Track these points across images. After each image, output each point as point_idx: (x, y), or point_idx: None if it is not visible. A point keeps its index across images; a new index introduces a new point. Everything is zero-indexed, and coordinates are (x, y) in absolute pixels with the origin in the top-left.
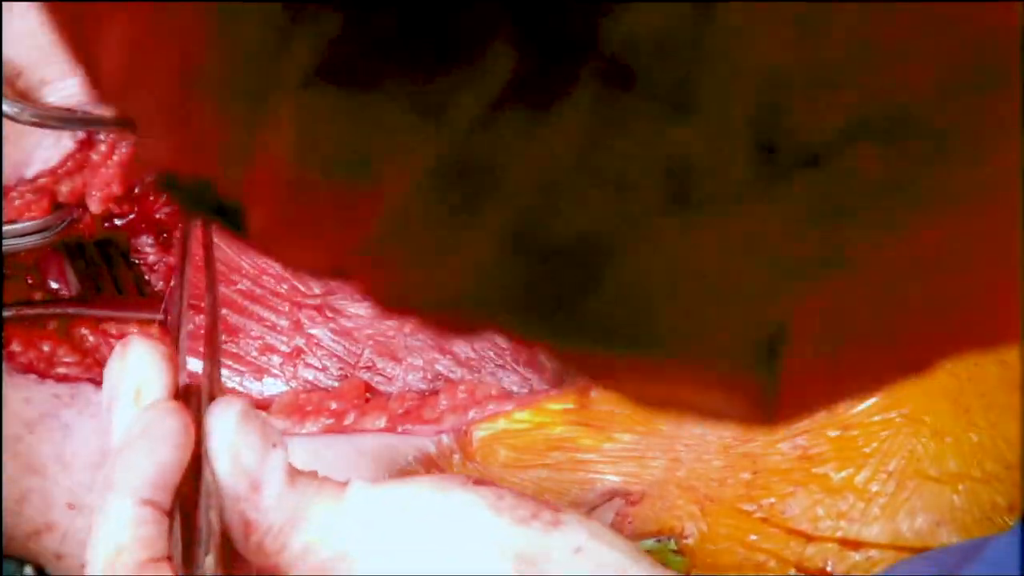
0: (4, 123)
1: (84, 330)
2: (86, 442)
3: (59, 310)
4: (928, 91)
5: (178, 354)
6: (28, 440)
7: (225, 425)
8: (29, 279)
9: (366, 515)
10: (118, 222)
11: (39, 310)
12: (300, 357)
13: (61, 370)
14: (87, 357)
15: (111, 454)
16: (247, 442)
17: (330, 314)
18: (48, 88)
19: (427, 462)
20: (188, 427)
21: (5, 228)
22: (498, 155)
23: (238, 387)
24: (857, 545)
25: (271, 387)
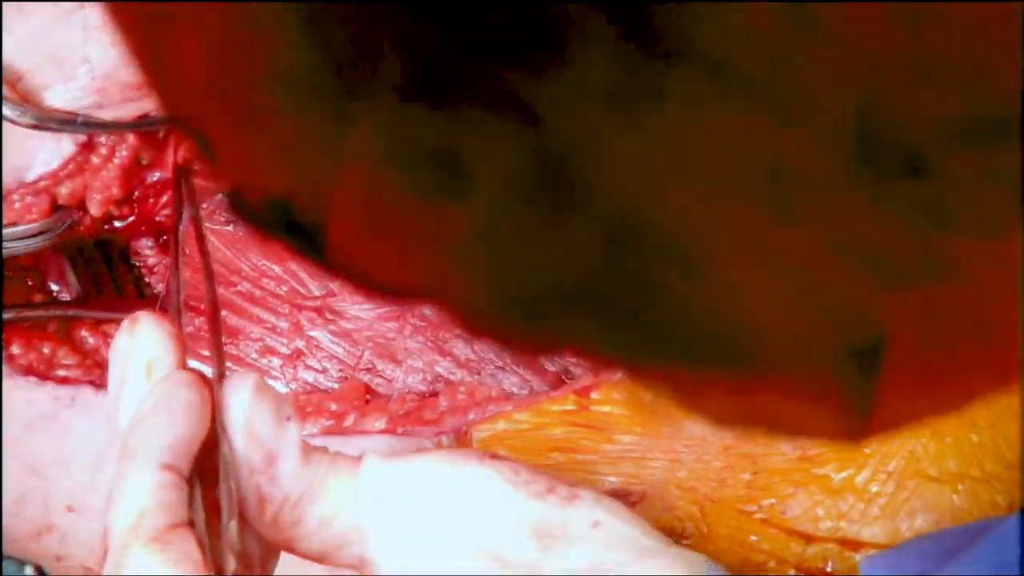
0: (4, 126)
1: (84, 332)
2: (86, 444)
3: (59, 312)
4: None
5: (180, 328)
6: (28, 442)
7: (240, 399)
8: (29, 281)
9: (381, 488)
10: (118, 224)
11: (39, 312)
12: (300, 359)
13: (61, 372)
14: (87, 359)
15: (127, 426)
16: (262, 416)
17: (330, 316)
18: (49, 91)
19: None
20: (205, 396)
21: (5, 231)
22: (591, 159)
23: None
24: (857, 546)
25: None
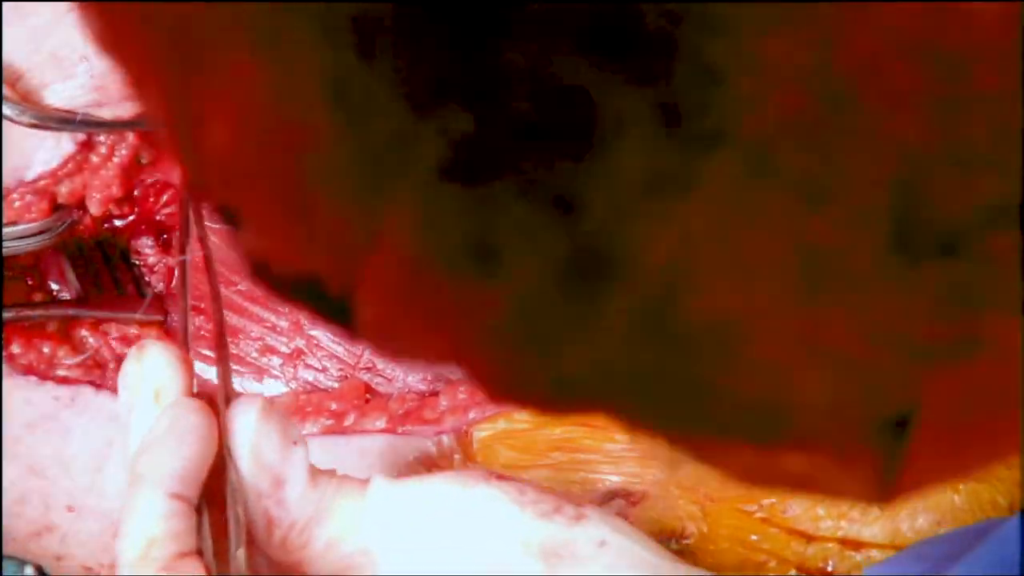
0: (4, 125)
1: (84, 331)
2: (86, 444)
3: (59, 311)
4: None
5: (188, 353)
6: (28, 441)
7: (246, 423)
8: (29, 280)
9: (388, 511)
10: (118, 223)
11: (39, 311)
12: (300, 358)
13: (61, 372)
14: (87, 359)
15: (135, 453)
16: (268, 440)
17: None
18: (48, 90)
19: (428, 463)
20: (212, 423)
21: (5, 230)
22: (625, 244)
23: (238, 388)
24: (858, 545)
25: (271, 388)
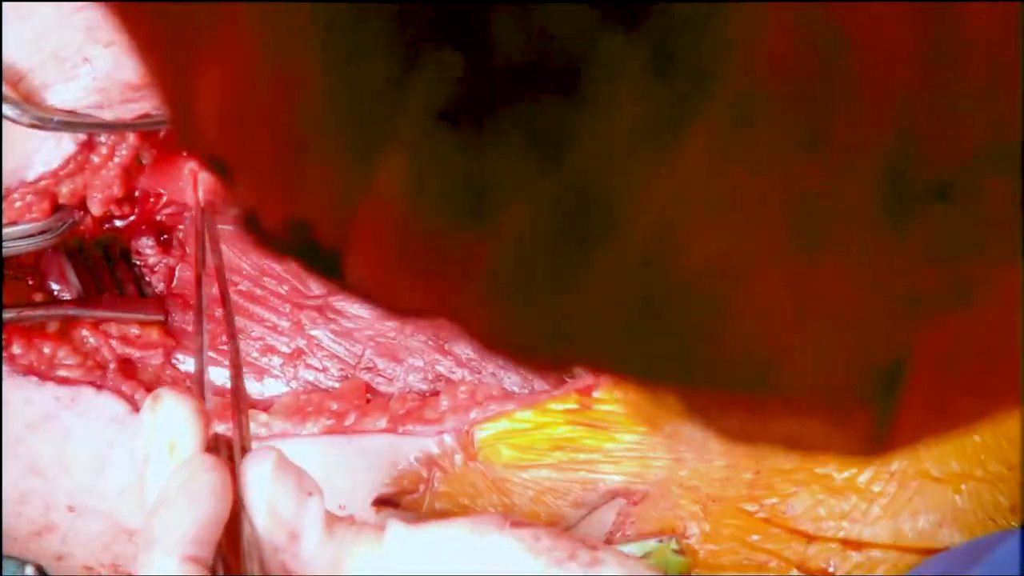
0: (5, 125)
1: (85, 332)
2: (86, 444)
3: (60, 312)
4: None
5: (204, 402)
6: (29, 442)
7: (260, 478)
8: (30, 281)
9: (404, 560)
10: (119, 224)
11: (40, 312)
12: (301, 358)
13: (62, 372)
14: (88, 359)
15: (148, 510)
16: (283, 494)
17: (331, 315)
18: (50, 91)
19: (429, 462)
20: (227, 481)
21: (6, 230)
22: (618, 191)
23: None
24: (859, 545)
25: (272, 388)
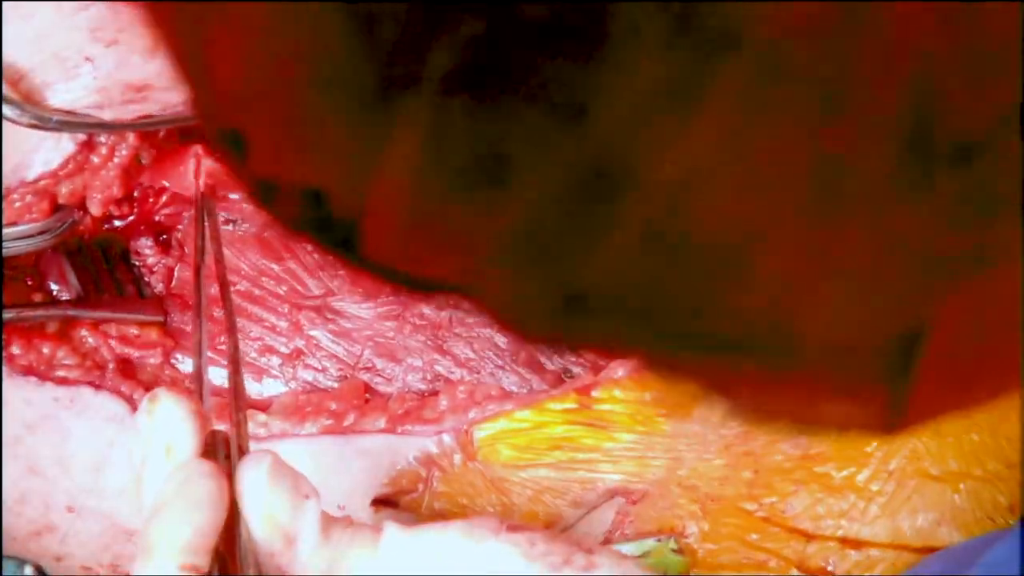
0: (5, 125)
1: (84, 332)
2: (86, 444)
3: (59, 312)
4: None
5: (202, 401)
6: (28, 442)
7: (256, 483)
8: (29, 281)
9: (400, 563)
10: (118, 224)
11: (39, 312)
12: (299, 358)
13: (61, 372)
14: (87, 359)
15: (145, 514)
16: (279, 498)
17: (329, 315)
18: (50, 91)
19: (428, 462)
20: (223, 487)
21: (5, 230)
22: (637, 154)
23: None
24: (858, 544)
25: (270, 388)
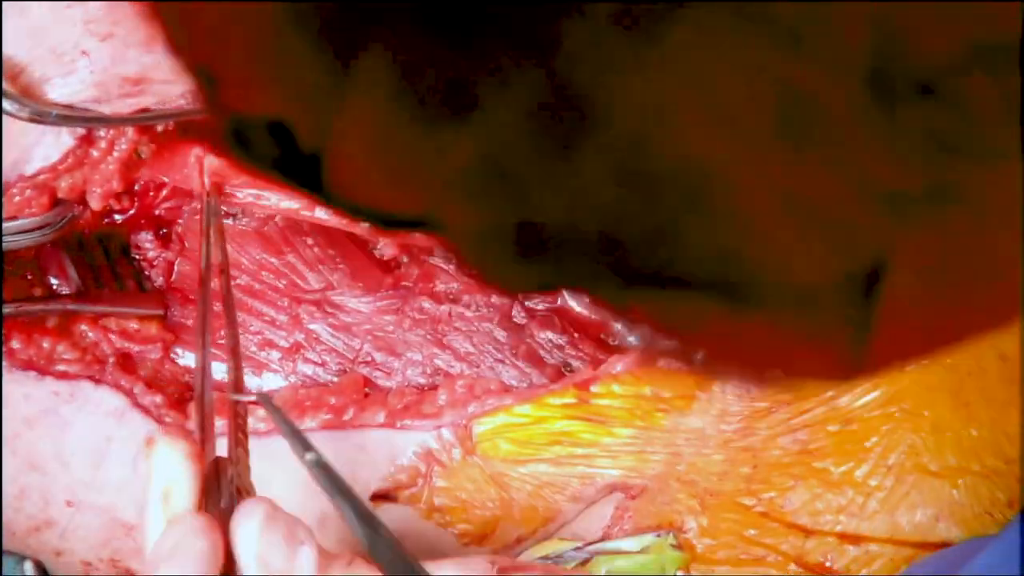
0: (4, 120)
1: (84, 326)
2: (85, 439)
3: (59, 306)
4: None
5: (204, 405)
6: (27, 437)
7: (250, 532)
8: (29, 275)
9: None
10: (118, 218)
11: (39, 306)
12: (299, 352)
13: (61, 367)
14: (87, 354)
15: (146, 565)
16: (273, 547)
17: (329, 309)
18: (48, 85)
19: (427, 457)
20: (216, 546)
21: (5, 225)
22: (602, 90)
23: None
24: (856, 539)
25: (270, 382)
